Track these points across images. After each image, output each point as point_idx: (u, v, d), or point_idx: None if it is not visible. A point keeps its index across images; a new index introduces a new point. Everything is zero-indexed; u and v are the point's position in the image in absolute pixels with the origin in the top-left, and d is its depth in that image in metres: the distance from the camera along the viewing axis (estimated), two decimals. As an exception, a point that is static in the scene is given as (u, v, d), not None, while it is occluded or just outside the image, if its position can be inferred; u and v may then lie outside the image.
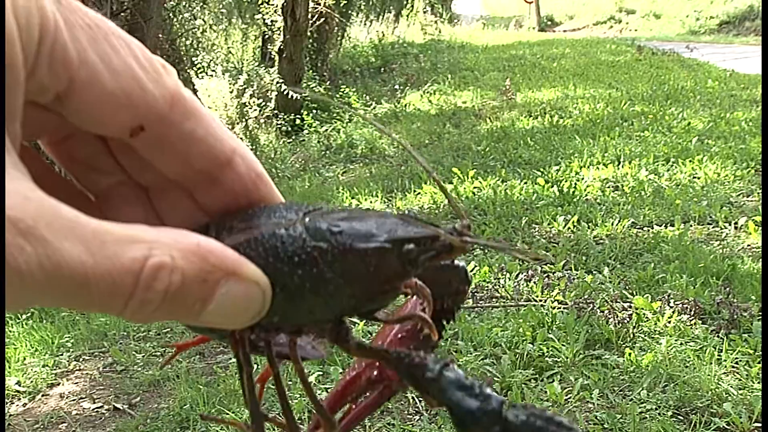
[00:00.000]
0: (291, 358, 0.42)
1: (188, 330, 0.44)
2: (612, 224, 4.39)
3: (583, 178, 5.42)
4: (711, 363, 2.76)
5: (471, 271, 3.78)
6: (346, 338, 0.40)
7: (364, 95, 10.61)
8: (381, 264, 0.36)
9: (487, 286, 3.67)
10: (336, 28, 12.62)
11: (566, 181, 5.28)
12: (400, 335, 0.47)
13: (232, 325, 0.33)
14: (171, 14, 9.53)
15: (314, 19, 10.32)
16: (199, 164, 0.37)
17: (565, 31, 25.30)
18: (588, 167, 5.67)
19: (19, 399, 3.15)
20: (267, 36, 12.49)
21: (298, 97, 9.24)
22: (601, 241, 4.21)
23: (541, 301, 3.43)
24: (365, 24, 16.61)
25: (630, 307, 3.28)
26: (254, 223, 0.37)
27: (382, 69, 13.51)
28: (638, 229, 4.36)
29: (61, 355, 3.48)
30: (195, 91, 9.42)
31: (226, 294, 0.31)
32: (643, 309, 3.21)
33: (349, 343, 0.40)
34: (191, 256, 0.30)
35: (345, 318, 0.40)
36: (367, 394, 0.47)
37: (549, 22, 27.02)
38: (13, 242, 0.26)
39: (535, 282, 3.61)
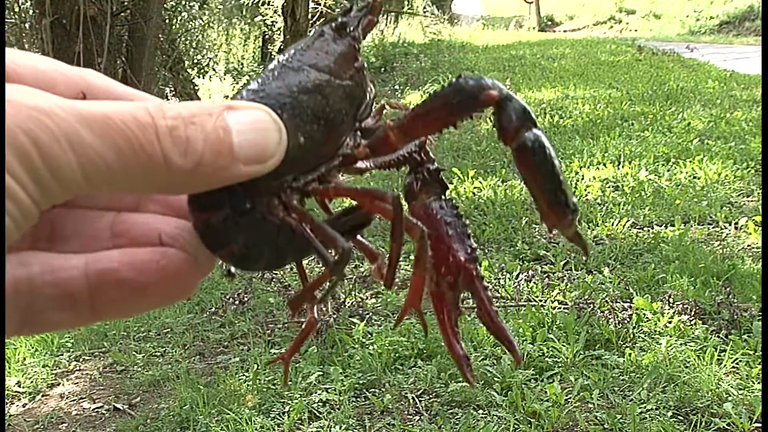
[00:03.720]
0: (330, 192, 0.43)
1: (192, 330, 0.44)
2: (612, 224, 4.39)
3: (583, 178, 5.41)
4: (711, 363, 2.76)
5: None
6: (373, 139, 0.44)
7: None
8: (338, 46, 0.44)
9: (487, 286, 3.66)
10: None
11: (566, 181, 5.28)
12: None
13: (271, 155, 0.35)
14: (171, 14, 9.53)
15: (314, 19, 10.32)
16: None
17: (565, 31, 25.29)
18: (588, 167, 5.66)
19: (19, 399, 3.15)
20: (267, 36, 12.51)
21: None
22: (601, 241, 4.21)
23: (541, 301, 3.43)
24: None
25: (630, 307, 3.28)
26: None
27: (383, 69, 13.52)
28: (638, 229, 4.36)
29: (61, 355, 3.48)
30: (195, 91, 9.42)
31: (240, 123, 0.33)
32: (643, 309, 3.20)
33: (385, 131, 0.43)
34: (183, 104, 0.33)
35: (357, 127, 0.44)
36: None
37: (549, 22, 27.02)
38: (29, 93, 0.29)
39: (535, 282, 3.61)
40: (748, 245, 3.98)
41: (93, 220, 0.38)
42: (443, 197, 0.46)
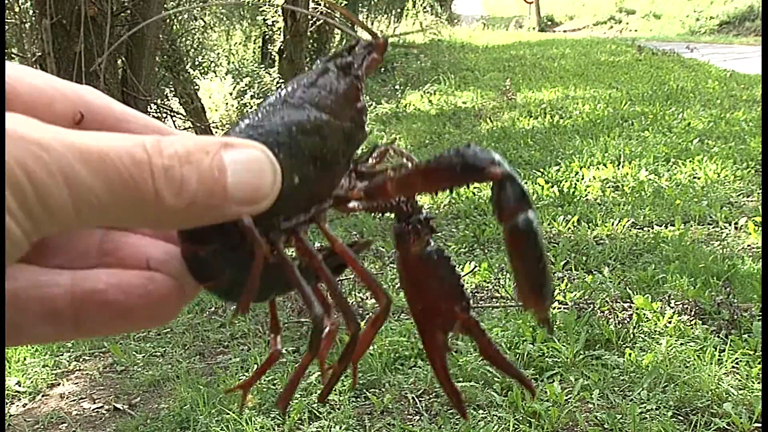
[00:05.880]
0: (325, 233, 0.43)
1: (192, 330, 0.44)
2: (612, 224, 4.39)
3: (583, 178, 5.42)
4: (711, 363, 2.76)
5: (471, 270, 3.78)
6: (372, 185, 0.44)
7: (364, 95, 10.61)
8: (341, 85, 0.43)
9: (487, 286, 3.67)
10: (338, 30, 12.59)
11: (566, 181, 5.28)
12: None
13: (264, 196, 0.34)
14: (171, 14, 9.51)
15: (314, 19, 10.31)
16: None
17: (565, 31, 25.29)
18: (588, 167, 5.67)
19: (20, 399, 3.15)
20: (267, 36, 12.52)
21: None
22: (601, 241, 4.21)
23: (541, 301, 3.43)
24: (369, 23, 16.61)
25: (630, 307, 3.28)
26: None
27: (383, 69, 13.51)
28: (638, 229, 4.36)
29: (62, 355, 3.48)
30: (196, 91, 9.42)
31: (235, 162, 0.33)
32: (643, 309, 3.20)
33: (384, 180, 0.43)
34: (180, 138, 0.33)
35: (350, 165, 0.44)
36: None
37: (549, 23, 27.01)
38: (30, 125, 0.29)
39: (535, 282, 3.60)
40: (748, 245, 3.98)
41: (82, 236, 0.38)
42: (433, 244, 0.47)
